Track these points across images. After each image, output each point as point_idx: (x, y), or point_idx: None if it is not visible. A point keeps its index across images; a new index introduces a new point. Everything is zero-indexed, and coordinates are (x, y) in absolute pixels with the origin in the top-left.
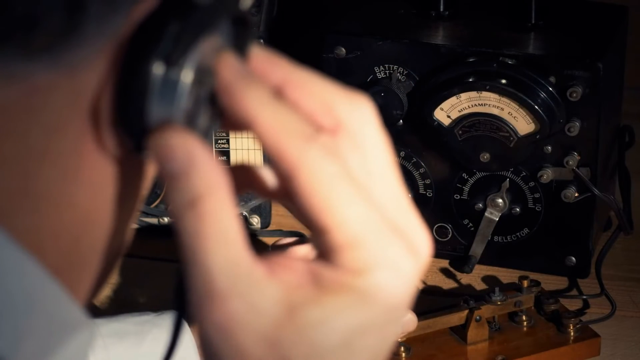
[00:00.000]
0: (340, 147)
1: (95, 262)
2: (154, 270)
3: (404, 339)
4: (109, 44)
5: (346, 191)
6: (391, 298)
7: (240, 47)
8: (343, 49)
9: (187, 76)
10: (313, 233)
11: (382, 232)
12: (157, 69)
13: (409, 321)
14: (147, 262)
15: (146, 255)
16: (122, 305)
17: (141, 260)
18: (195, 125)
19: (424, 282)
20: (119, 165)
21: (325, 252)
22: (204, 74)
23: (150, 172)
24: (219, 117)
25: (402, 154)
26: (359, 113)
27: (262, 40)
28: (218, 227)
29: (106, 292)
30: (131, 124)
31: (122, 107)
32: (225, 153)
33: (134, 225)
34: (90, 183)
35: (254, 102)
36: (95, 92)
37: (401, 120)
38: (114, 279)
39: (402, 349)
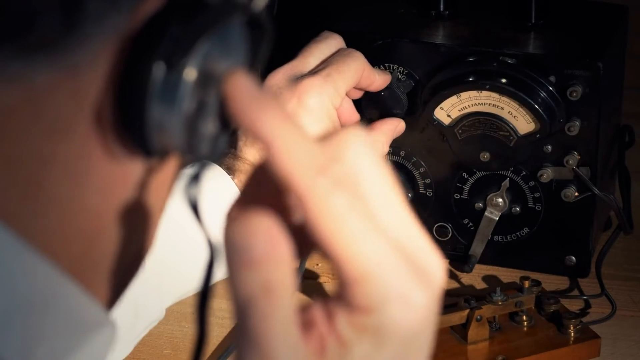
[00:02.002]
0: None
1: (111, 269)
2: None
3: None
4: (111, 44)
5: (355, 225)
6: (405, 331)
7: (254, 51)
8: None
9: (188, 78)
10: (329, 261)
11: (391, 265)
12: (158, 70)
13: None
14: None
15: None
16: None
17: None
18: (198, 130)
19: None
20: (129, 169)
21: (339, 284)
22: (211, 77)
23: (166, 176)
24: (230, 126)
25: (402, 153)
26: (348, 149)
27: None
28: (286, 311)
29: None
30: (133, 126)
31: (124, 109)
32: None
33: (155, 231)
34: (99, 187)
35: (267, 128)
36: (98, 94)
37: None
38: None
39: None
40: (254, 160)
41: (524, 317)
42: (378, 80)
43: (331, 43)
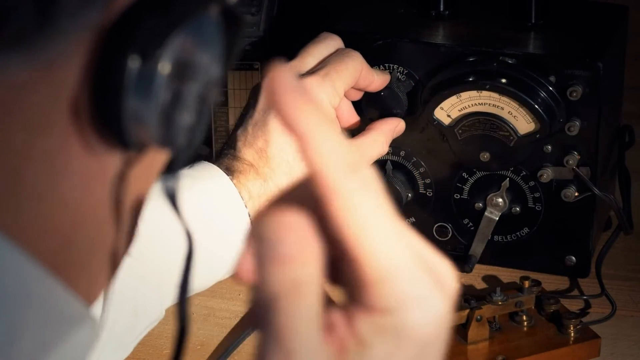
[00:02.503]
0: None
1: (93, 262)
2: None
3: None
4: (86, 37)
5: (380, 226)
6: (424, 335)
7: (230, 43)
8: None
9: (162, 70)
10: (346, 260)
11: (411, 268)
12: (133, 62)
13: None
14: None
15: None
16: None
17: None
18: (175, 122)
19: None
20: (107, 162)
21: (356, 284)
22: (186, 68)
23: (145, 169)
24: (209, 115)
25: (402, 153)
26: None
27: (262, 40)
28: (312, 311)
29: None
30: (110, 119)
31: (100, 102)
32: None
33: (137, 225)
34: (78, 181)
35: (304, 122)
36: (75, 87)
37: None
38: None
39: None
40: (252, 161)
41: (524, 317)
42: (377, 80)
43: (330, 44)
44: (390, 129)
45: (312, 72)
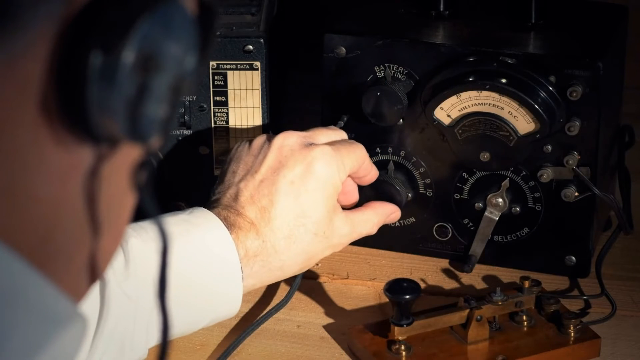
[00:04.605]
0: None
1: (75, 260)
2: None
3: (405, 338)
4: (49, 30)
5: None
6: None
7: (203, 33)
8: (343, 49)
9: (125, 62)
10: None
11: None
12: (95, 54)
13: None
14: None
15: None
16: None
17: None
18: (143, 114)
19: (425, 282)
20: (80, 157)
21: None
22: (153, 59)
23: (122, 164)
24: (179, 106)
25: (402, 153)
26: None
27: (262, 40)
28: None
29: None
30: (76, 113)
31: (66, 95)
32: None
33: (123, 223)
34: (52, 176)
35: None
36: (41, 82)
37: (401, 120)
38: None
39: (403, 347)
40: (253, 219)
41: (524, 317)
42: (373, 172)
43: (338, 133)
44: (385, 212)
45: (325, 144)
